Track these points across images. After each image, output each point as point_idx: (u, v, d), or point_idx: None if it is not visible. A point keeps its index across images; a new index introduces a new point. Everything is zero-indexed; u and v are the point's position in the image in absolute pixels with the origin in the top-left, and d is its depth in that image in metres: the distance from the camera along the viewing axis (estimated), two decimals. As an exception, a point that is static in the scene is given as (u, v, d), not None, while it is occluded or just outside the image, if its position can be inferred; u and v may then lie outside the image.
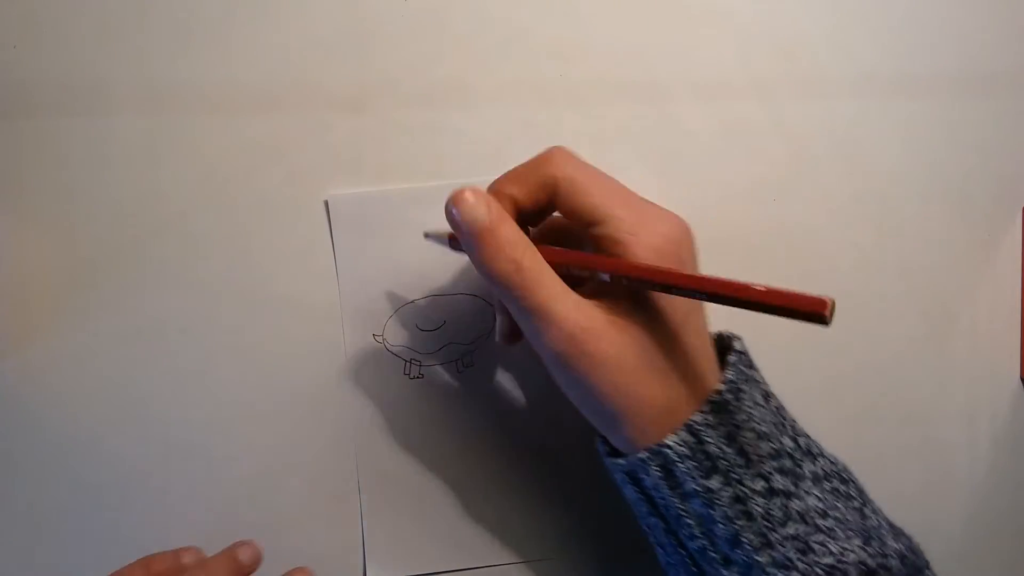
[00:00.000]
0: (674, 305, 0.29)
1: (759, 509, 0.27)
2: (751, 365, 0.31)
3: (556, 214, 0.33)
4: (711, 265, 0.41)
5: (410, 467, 0.40)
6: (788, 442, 0.29)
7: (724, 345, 0.32)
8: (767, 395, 0.31)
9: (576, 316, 0.28)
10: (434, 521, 0.40)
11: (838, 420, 0.42)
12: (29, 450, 0.38)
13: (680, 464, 0.28)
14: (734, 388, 0.29)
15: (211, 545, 0.37)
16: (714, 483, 0.28)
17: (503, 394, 0.40)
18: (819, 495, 0.28)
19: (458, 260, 0.39)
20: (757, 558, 0.27)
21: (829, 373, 0.42)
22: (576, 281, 0.30)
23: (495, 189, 0.32)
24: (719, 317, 0.41)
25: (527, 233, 0.31)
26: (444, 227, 0.31)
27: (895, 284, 0.43)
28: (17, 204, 0.38)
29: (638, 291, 0.29)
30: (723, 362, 0.31)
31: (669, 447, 0.28)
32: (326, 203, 0.39)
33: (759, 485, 0.27)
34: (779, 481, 0.28)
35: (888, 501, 0.41)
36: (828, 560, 0.27)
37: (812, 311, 0.23)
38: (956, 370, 0.43)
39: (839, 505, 0.29)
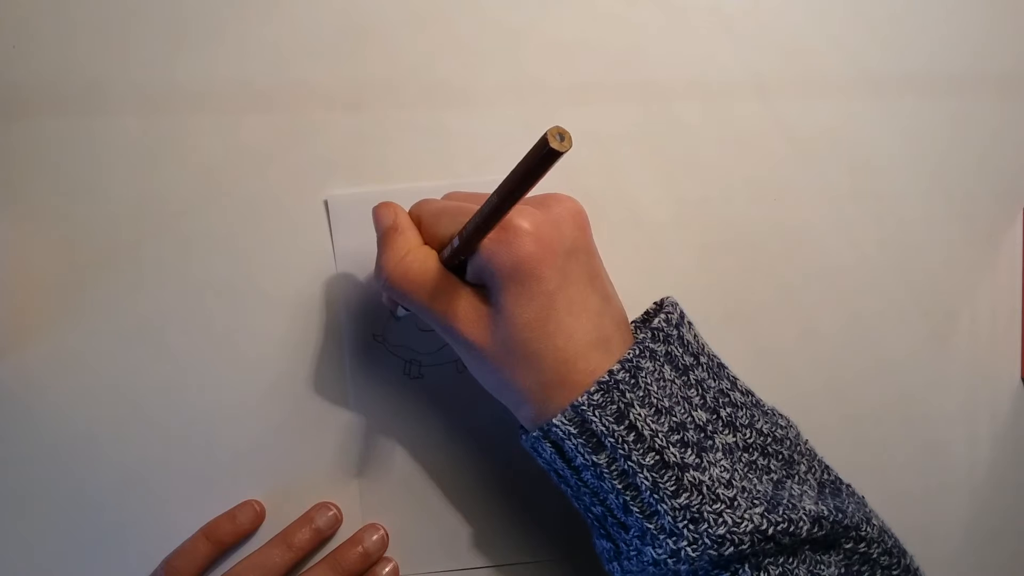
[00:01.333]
0: (537, 288, 0.30)
1: (647, 482, 0.29)
2: (668, 338, 0.32)
3: None
4: (711, 264, 0.41)
5: (410, 467, 0.40)
6: (701, 415, 0.30)
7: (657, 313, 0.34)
8: (686, 368, 0.31)
9: (448, 306, 0.31)
10: (434, 521, 0.40)
11: (839, 420, 0.42)
12: (27, 450, 0.38)
13: (568, 441, 0.30)
14: (631, 367, 0.30)
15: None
16: (601, 458, 0.29)
17: (503, 394, 0.40)
18: (727, 466, 0.29)
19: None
20: (647, 525, 0.29)
21: (830, 373, 0.42)
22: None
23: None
24: (717, 305, 0.41)
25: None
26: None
27: (895, 284, 0.43)
28: (15, 204, 0.38)
29: (502, 275, 0.30)
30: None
31: (556, 426, 0.30)
32: (326, 203, 0.39)
33: (650, 459, 0.29)
34: (674, 454, 0.29)
35: (889, 501, 0.41)
36: (720, 530, 0.28)
37: (545, 153, 0.23)
38: (956, 370, 0.43)
39: (751, 476, 0.30)
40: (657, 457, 0.29)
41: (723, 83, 0.41)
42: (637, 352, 0.30)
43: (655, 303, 0.35)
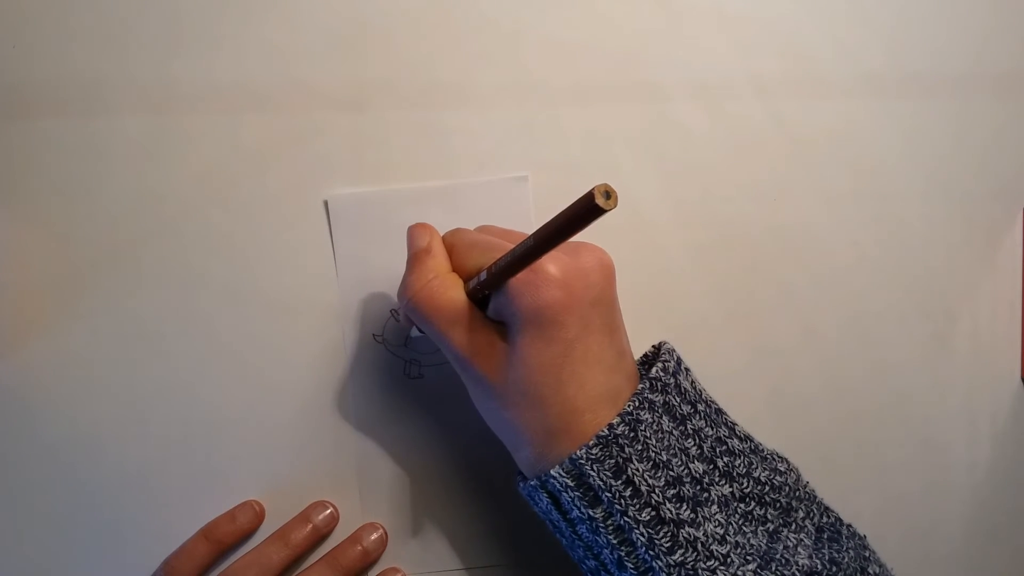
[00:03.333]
0: (557, 335, 0.30)
1: (643, 538, 0.28)
2: (666, 387, 0.31)
3: None
4: (711, 264, 0.41)
5: (410, 467, 0.40)
6: (697, 467, 0.30)
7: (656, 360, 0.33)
8: (683, 417, 0.31)
9: (466, 338, 0.31)
10: (434, 521, 0.40)
11: (839, 420, 0.42)
12: (27, 449, 0.38)
13: (565, 493, 0.29)
14: (631, 420, 0.29)
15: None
16: (597, 512, 0.29)
17: (503, 394, 0.40)
18: (722, 520, 0.29)
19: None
20: None
21: (830, 373, 0.42)
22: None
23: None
24: (707, 315, 0.41)
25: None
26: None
27: (895, 284, 0.43)
28: (14, 204, 0.38)
29: (524, 316, 0.30)
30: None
31: (554, 478, 0.29)
32: (326, 203, 0.39)
33: (646, 515, 0.28)
34: (670, 510, 0.28)
35: (889, 501, 0.41)
36: None
37: (589, 208, 0.24)
38: (956, 370, 0.43)
39: (745, 529, 0.30)
40: (653, 513, 0.28)
41: (723, 83, 0.41)
42: (636, 404, 0.30)
43: (653, 347, 0.35)
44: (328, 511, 0.39)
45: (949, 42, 0.42)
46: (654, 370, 0.32)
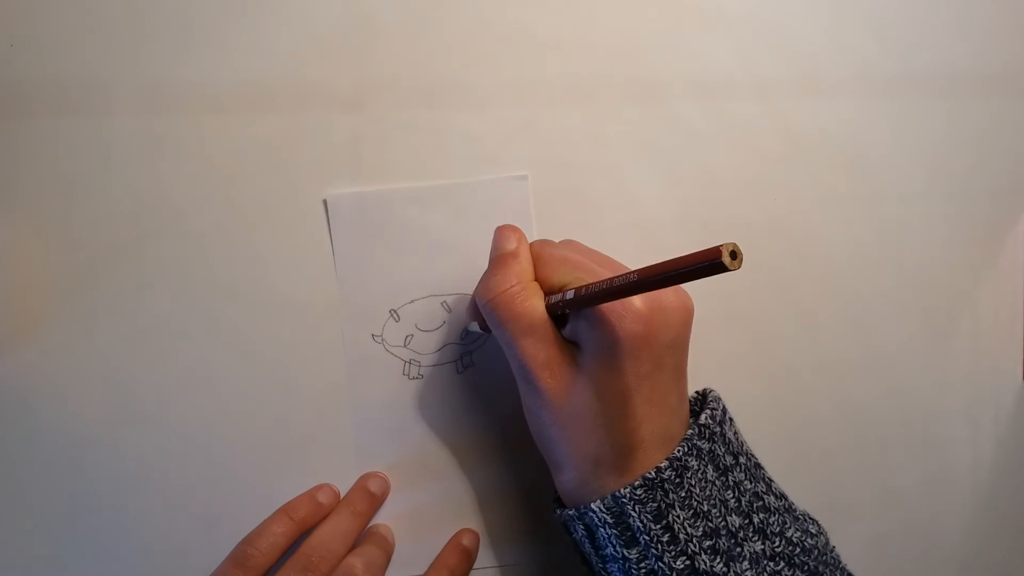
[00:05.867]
0: (630, 368, 0.30)
1: None
2: (713, 436, 0.31)
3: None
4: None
5: (409, 467, 0.40)
6: (734, 520, 0.30)
7: (703, 406, 0.33)
8: (726, 468, 0.31)
9: (537, 350, 0.31)
10: (434, 521, 0.40)
11: (840, 419, 0.42)
12: (28, 449, 0.38)
13: (602, 529, 0.29)
14: (679, 465, 0.29)
15: (207, 549, 0.37)
16: (632, 553, 0.29)
17: (503, 394, 0.40)
18: None
19: (458, 260, 0.39)
20: None
21: (831, 373, 0.42)
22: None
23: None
24: (717, 322, 0.41)
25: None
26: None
27: (896, 283, 0.43)
28: (15, 204, 0.38)
29: (602, 343, 0.30)
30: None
31: (593, 512, 0.29)
32: (325, 203, 0.39)
33: (680, 563, 0.29)
34: (704, 561, 0.29)
35: (890, 500, 0.41)
36: None
37: (712, 264, 0.23)
38: (957, 369, 0.43)
39: None
40: (688, 562, 0.29)
41: (723, 83, 0.41)
42: (685, 450, 0.30)
43: (697, 392, 0.35)
44: (381, 478, 0.39)
45: (948, 42, 0.42)
46: (703, 417, 0.32)
